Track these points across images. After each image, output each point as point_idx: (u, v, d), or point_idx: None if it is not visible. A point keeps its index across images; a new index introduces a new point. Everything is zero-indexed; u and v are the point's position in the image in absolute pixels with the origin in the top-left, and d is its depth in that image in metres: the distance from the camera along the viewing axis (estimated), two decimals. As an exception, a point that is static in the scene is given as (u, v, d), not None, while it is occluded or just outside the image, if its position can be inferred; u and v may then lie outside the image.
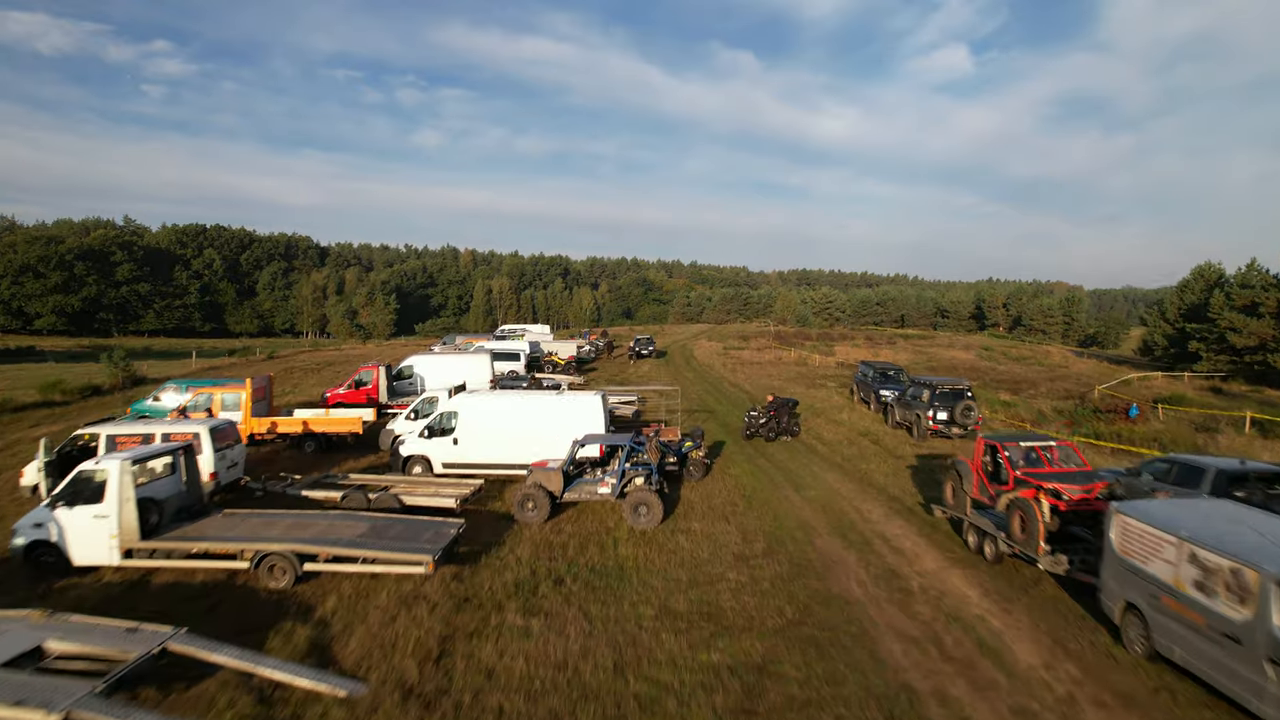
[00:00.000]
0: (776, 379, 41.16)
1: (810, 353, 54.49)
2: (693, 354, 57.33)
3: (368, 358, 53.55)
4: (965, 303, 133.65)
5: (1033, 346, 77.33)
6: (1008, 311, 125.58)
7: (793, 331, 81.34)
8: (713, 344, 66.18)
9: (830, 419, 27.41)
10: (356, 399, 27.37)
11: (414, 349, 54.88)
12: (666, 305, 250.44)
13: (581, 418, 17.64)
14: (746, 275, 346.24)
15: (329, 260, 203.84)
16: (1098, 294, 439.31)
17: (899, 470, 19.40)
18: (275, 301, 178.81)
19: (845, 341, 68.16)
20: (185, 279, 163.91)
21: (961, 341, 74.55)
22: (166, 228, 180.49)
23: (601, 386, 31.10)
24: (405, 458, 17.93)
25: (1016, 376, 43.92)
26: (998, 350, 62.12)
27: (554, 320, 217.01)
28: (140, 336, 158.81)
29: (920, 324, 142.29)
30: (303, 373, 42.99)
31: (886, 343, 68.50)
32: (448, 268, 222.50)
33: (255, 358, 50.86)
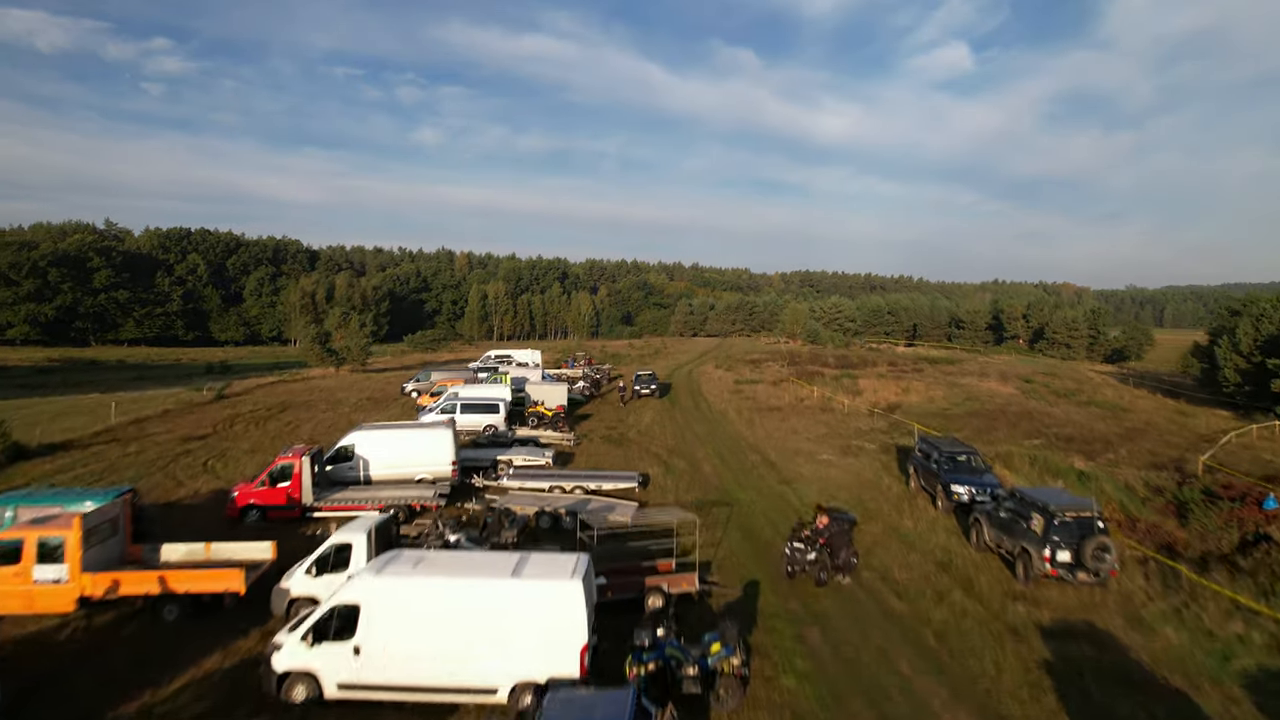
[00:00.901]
0: (802, 434, 34.82)
1: (834, 391, 48.13)
2: (700, 389, 50.96)
3: (333, 396, 47.26)
4: (981, 313, 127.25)
5: (1070, 367, 71.05)
6: (1027, 323, 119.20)
7: (806, 353, 74.94)
8: (721, 372, 59.87)
9: (891, 529, 21.06)
10: (273, 499, 21.06)
11: (382, 388, 48.38)
12: (667, 310, 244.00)
13: (546, 618, 11.37)
14: (749, 277, 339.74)
15: (319, 264, 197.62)
16: (1104, 295, 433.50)
17: (1029, 670, 13.07)
18: (262, 308, 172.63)
19: (868, 369, 61.77)
20: (167, 285, 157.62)
21: (995, 366, 68.15)
22: (149, 231, 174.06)
23: (587, 454, 24.86)
24: (279, 676, 11.58)
25: (1080, 427, 37.58)
26: (1039, 382, 55.73)
27: (551, 326, 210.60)
28: (119, 346, 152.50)
29: (934, 334, 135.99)
30: (248, 424, 36.64)
31: (912, 370, 62.14)
32: (442, 271, 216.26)
33: (199, 399, 44.43)
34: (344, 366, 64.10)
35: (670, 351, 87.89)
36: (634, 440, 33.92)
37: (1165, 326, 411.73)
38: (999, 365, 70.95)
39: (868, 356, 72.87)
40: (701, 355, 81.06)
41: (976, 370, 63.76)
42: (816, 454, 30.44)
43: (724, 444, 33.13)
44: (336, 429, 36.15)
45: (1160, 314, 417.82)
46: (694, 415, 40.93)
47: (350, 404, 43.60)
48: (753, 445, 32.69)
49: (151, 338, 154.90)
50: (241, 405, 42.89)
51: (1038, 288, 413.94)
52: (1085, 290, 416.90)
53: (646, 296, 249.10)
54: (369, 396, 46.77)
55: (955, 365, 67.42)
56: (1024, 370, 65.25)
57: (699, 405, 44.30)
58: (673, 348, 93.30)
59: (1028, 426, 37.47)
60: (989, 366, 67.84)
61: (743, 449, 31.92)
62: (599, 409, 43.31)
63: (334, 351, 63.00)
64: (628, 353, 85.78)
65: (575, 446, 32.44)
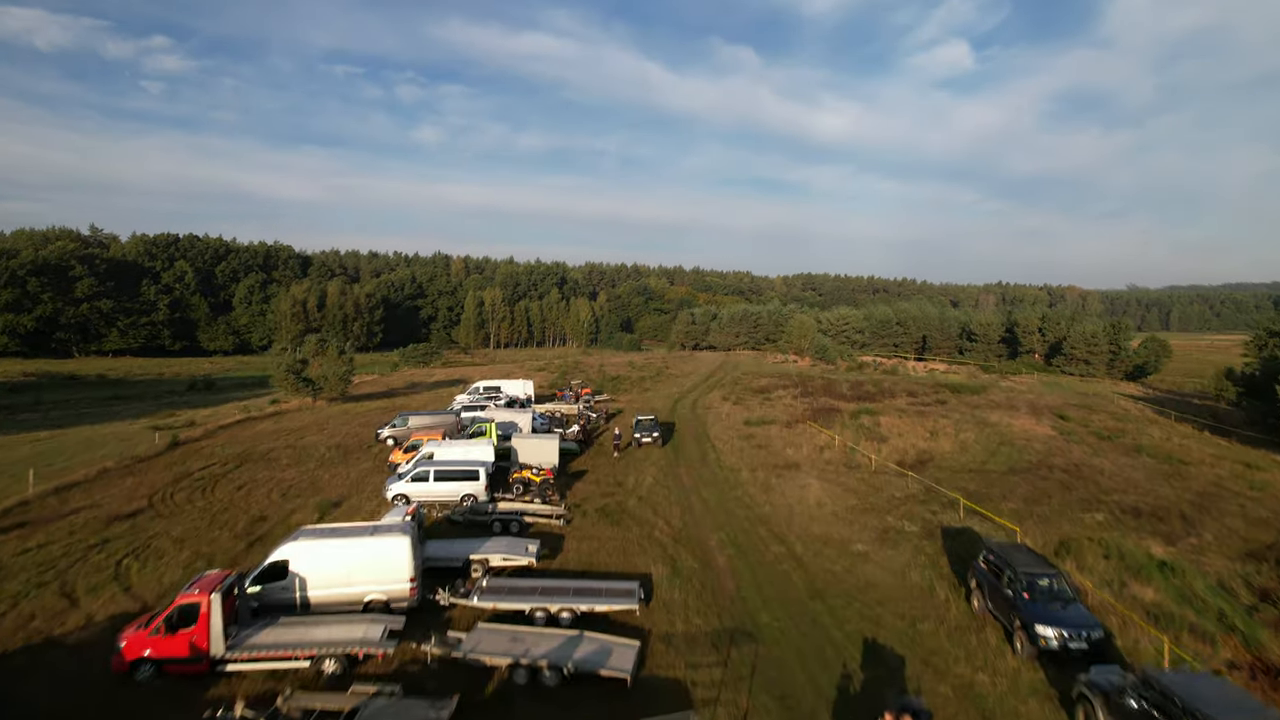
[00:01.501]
0: (828, 507, 30.22)
1: (855, 434, 43.52)
2: (707, 431, 46.24)
3: (301, 441, 42.64)
4: (994, 325, 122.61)
5: (1096, 391, 66.62)
6: (1043, 338, 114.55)
7: (818, 377, 70.28)
8: (729, 407, 55.17)
9: (963, 691, 16.44)
10: (173, 650, 16.44)
11: (357, 431, 43.26)
12: (668, 315, 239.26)
13: None
14: (750, 281, 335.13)
15: (312, 270, 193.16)
16: (1109, 297, 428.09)
17: None
18: (252, 317, 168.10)
19: (886, 401, 57.16)
20: (153, 294, 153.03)
21: (1021, 394, 63.45)
22: (136, 237, 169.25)
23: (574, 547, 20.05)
24: None
25: (1141, 491, 32.98)
26: (1075, 419, 51.10)
27: (550, 333, 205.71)
28: (103, 357, 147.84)
29: (944, 346, 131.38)
30: (193, 491, 32.04)
31: (935, 402, 57.48)
32: (438, 277, 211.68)
33: (147, 450, 39.72)
34: (321, 396, 59.45)
35: (672, 372, 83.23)
36: (634, 514, 29.31)
37: (1172, 330, 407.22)
38: (1025, 392, 66.29)
39: (884, 383, 68.19)
40: (706, 378, 76.39)
41: (1003, 401, 59.12)
42: (850, 543, 25.84)
43: (739, 523, 28.49)
44: (295, 494, 31.66)
45: (1166, 317, 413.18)
46: (701, 473, 36.29)
47: (317, 456, 38.98)
48: (773, 525, 28.07)
49: (137, 348, 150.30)
50: (194, 457, 38.25)
51: (1042, 290, 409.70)
52: (1091, 293, 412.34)
53: (646, 302, 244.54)
54: (340, 443, 42.16)
55: (979, 394, 62.77)
56: (1053, 400, 60.63)
57: (706, 457, 39.65)
58: (675, 366, 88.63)
59: (1083, 492, 32.85)
60: (1015, 395, 63.17)
61: (761, 533, 27.28)
62: (594, 461, 38.67)
63: (310, 381, 58.32)
64: (628, 374, 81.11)
65: (566, 526, 27.86)
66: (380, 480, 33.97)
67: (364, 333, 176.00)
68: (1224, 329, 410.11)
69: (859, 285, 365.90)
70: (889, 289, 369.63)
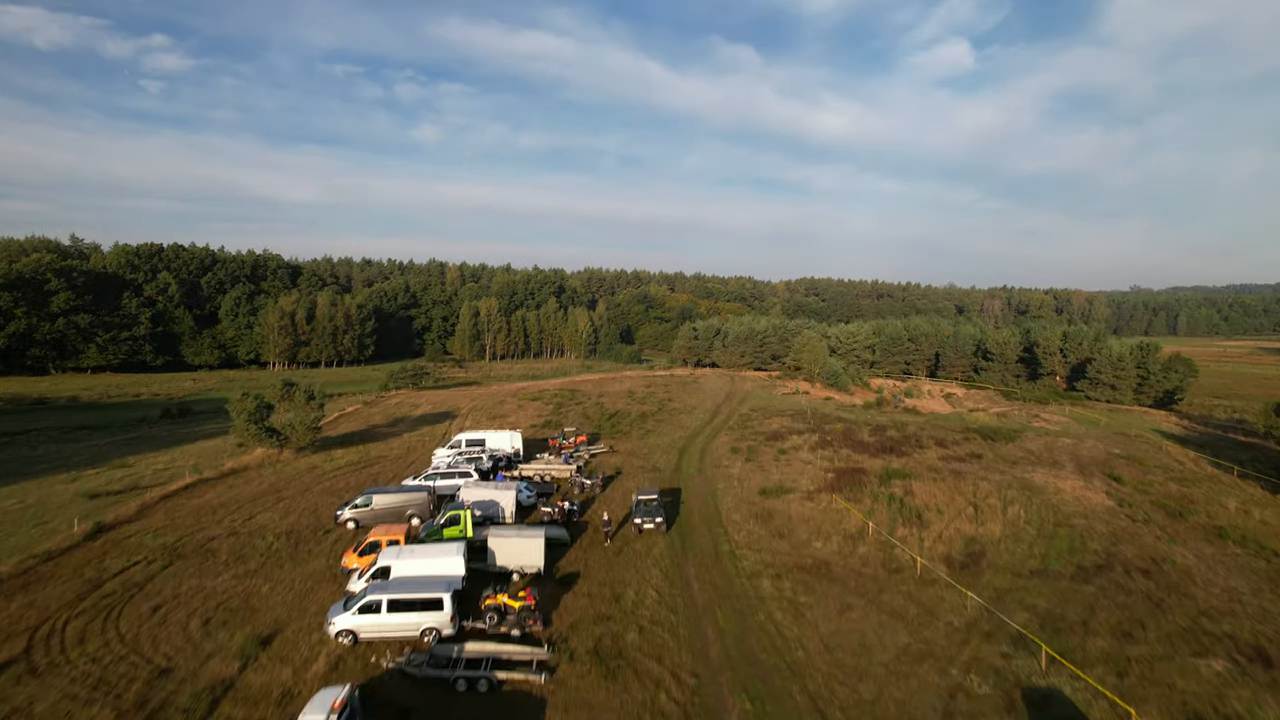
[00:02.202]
0: (877, 657, 24.39)
1: (892, 515, 37.61)
2: (718, 509, 40.23)
3: (252, 521, 36.83)
4: (1011, 344, 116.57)
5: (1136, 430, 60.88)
6: (1065, 359, 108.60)
7: (838, 425, 64.35)
8: (741, 465, 49.07)
9: None
10: None
11: (315, 505, 36.50)
12: (669, 324, 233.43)
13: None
14: (752, 287, 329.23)
15: (301, 280, 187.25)
16: (1115, 300, 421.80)
17: None
18: (239, 329, 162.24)
19: (915, 455, 51.24)
20: (135, 307, 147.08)
21: (1060, 443, 57.43)
22: (118, 248, 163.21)
23: None
24: None
25: (1254, 613, 27.12)
26: (1131, 482, 45.21)
27: (547, 344, 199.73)
28: (81, 374, 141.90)
29: (959, 365, 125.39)
30: (91, 618, 26.18)
31: (969, 456, 51.54)
32: (432, 286, 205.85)
33: (57, 549, 33.72)
34: (288, 447, 53.55)
35: (675, 406, 77.23)
36: (634, 659, 23.48)
37: (1179, 334, 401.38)
38: (1060, 436, 60.35)
39: (907, 425, 62.22)
40: (712, 416, 70.35)
41: (1042, 453, 53.23)
42: (908, 679, 19.98)
43: (768, 680, 22.64)
44: (221, 622, 25.85)
45: (1174, 321, 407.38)
46: (715, 579, 30.39)
47: (263, 548, 33.09)
48: (810, 684, 22.22)
49: (117, 364, 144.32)
50: (115, 552, 32.36)
51: (1048, 295, 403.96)
52: (1097, 297, 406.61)
53: (647, 310, 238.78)
54: (293, 527, 36.25)
55: (1012, 441, 56.85)
56: (1096, 451, 54.73)
57: (719, 550, 33.76)
58: (678, 397, 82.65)
59: (1181, 615, 26.98)
60: (1053, 443, 57.21)
61: (798, 700, 21.44)
62: (587, 556, 32.79)
63: (275, 431, 52.40)
64: (627, 408, 75.12)
65: (548, 682, 22.04)
66: (330, 594, 28.19)
67: (355, 345, 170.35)
68: (1233, 334, 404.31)
69: (862, 290, 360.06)
70: (893, 294, 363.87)
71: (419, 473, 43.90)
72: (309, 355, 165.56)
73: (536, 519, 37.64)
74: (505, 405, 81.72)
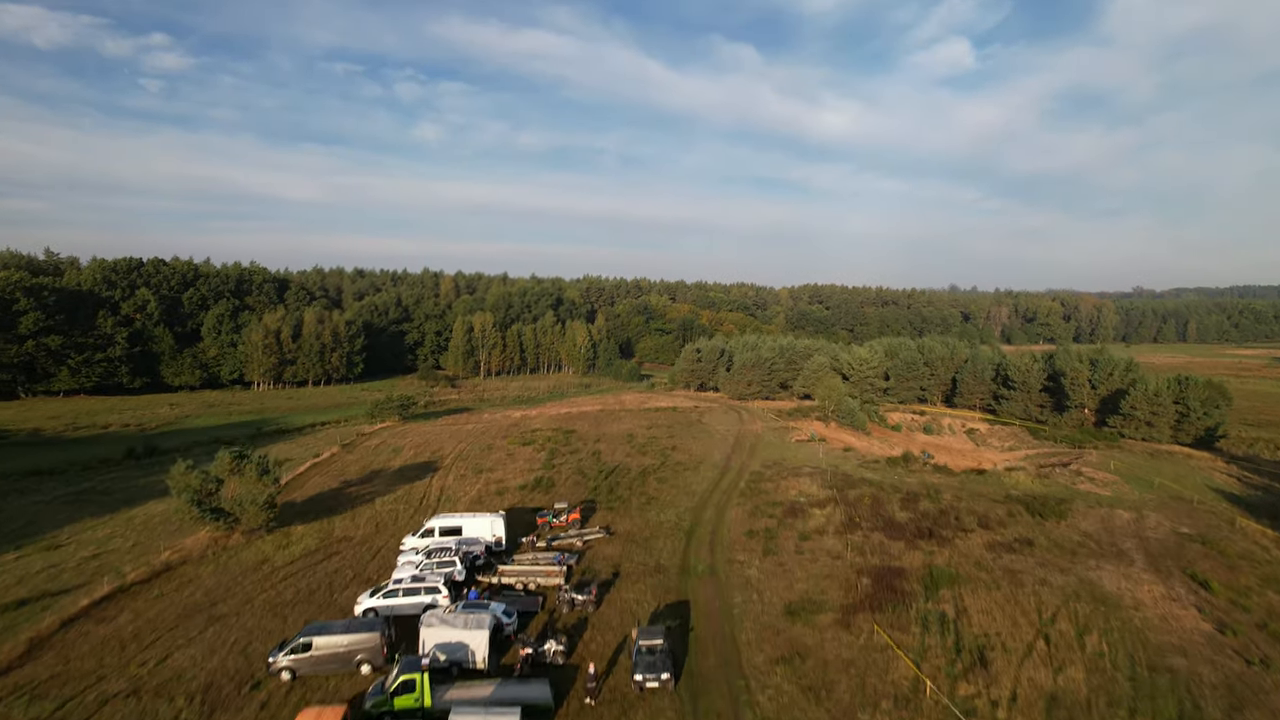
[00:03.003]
0: None
1: (948, 656, 30.88)
2: (737, 646, 33.30)
3: (169, 653, 30.08)
4: (1034, 372, 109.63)
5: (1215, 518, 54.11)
6: (1094, 390, 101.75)
7: (865, 495, 57.45)
8: (759, 564, 42.24)
9: None
10: None
11: (248, 638, 28.98)
12: (670, 335, 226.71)
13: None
14: (755, 294, 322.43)
15: (289, 295, 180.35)
16: (1124, 308, 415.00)
17: None
18: (222, 348, 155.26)
19: (958, 545, 44.42)
20: (110, 326, 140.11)
21: (1122, 519, 50.48)
22: (95, 263, 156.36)
23: None
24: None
25: None
26: (1222, 591, 38.45)
27: (544, 359, 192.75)
28: (54, 398, 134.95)
29: (977, 392, 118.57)
30: None
31: (1020, 544, 44.79)
32: (425, 299, 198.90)
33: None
34: (240, 528, 46.73)
35: (679, 458, 70.30)
36: None
37: (1189, 341, 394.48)
38: (1120, 511, 53.43)
39: (942, 494, 55.20)
40: (721, 475, 63.47)
41: (1106, 540, 46.40)
42: None
43: None
44: None
45: (1183, 328, 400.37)
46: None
47: None
48: None
49: (91, 387, 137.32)
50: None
51: (1055, 301, 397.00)
52: (1105, 304, 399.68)
53: (647, 322, 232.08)
54: (210, 680, 29.40)
55: (1063, 518, 50.01)
56: (1164, 534, 47.92)
57: (741, 716, 26.98)
58: (682, 446, 75.77)
59: None
60: (1114, 524, 50.29)
61: None
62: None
63: (222, 512, 45.61)
64: (627, 464, 68.14)
65: None
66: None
67: (343, 363, 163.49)
68: (1243, 340, 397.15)
69: (867, 297, 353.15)
70: (898, 301, 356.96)
71: (379, 586, 37.01)
72: (295, 374, 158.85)
73: (514, 659, 30.84)
74: (494, 453, 74.92)
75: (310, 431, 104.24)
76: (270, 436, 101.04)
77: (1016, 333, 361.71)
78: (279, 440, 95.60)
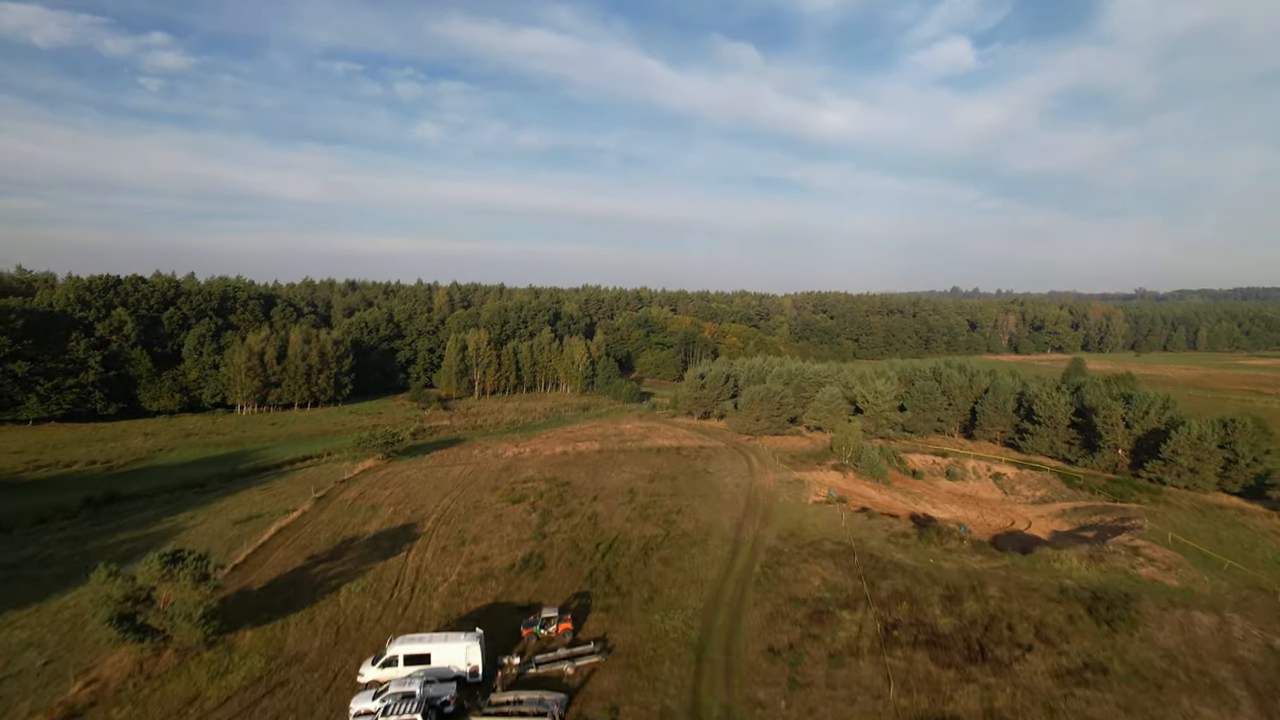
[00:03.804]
0: None
1: None
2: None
3: None
4: (1061, 405, 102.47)
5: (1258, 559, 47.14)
6: (1129, 430, 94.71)
7: (902, 598, 50.28)
8: (784, 702, 35.34)
9: None
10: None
11: None
12: (671, 349, 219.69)
13: None
14: (758, 304, 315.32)
15: (275, 311, 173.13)
16: (1133, 315, 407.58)
17: None
18: (203, 370, 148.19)
19: (1018, 675, 37.50)
20: (84, 349, 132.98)
21: (1205, 625, 43.44)
22: (70, 281, 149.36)
23: None
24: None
25: None
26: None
27: (541, 377, 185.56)
28: (21, 427, 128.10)
29: (999, 424, 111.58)
30: None
31: (1093, 671, 37.85)
32: (418, 315, 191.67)
33: None
34: (171, 647, 39.75)
35: (686, 527, 63.36)
36: None
37: (1200, 349, 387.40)
38: (1199, 614, 46.37)
39: (987, 594, 48.13)
40: (733, 555, 56.41)
41: (1194, 667, 39.36)
42: None
43: None
44: None
45: (1194, 336, 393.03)
46: None
47: None
48: None
49: (62, 414, 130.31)
50: None
51: (1064, 310, 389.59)
52: (1114, 312, 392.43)
53: (647, 335, 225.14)
54: None
55: (1134, 627, 42.96)
56: (1257, 652, 40.95)
57: None
58: (688, 508, 68.76)
59: None
60: (1196, 637, 43.28)
61: None
62: None
63: (149, 630, 38.66)
64: (626, 534, 61.12)
65: None
66: None
67: (330, 385, 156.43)
68: (1254, 348, 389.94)
69: (871, 305, 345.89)
70: (903, 309, 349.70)
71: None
72: (280, 397, 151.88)
73: None
74: (480, 514, 67.95)
75: (289, 471, 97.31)
76: (244, 478, 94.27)
77: (1024, 341, 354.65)
78: (253, 484, 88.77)
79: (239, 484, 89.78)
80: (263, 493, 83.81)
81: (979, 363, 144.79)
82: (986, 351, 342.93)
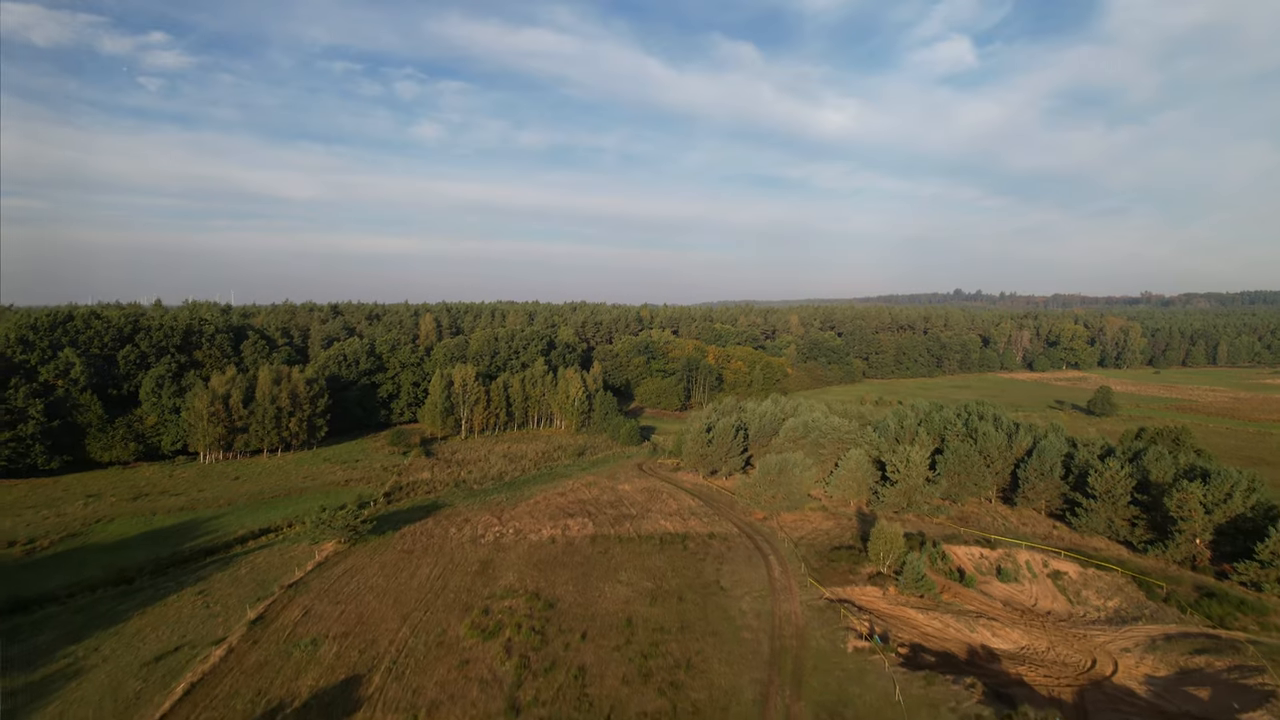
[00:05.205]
0: None
1: None
2: None
3: None
4: (1120, 480, 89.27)
5: None
6: (1209, 516, 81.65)
7: None
8: None
9: None
10: None
11: None
12: (673, 376, 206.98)
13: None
14: (764, 321, 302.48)
15: (246, 345, 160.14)
16: (1150, 330, 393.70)
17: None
18: (162, 415, 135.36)
19: None
20: (23, 398, 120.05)
21: None
22: (13, 315, 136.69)
23: None
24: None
25: None
26: None
27: (534, 413, 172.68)
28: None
29: (1045, 494, 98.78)
30: None
31: None
32: (402, 346, 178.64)
33: None
34: None
35: (699, 690, 50.78)
36: None
37: (1220, 363, 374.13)
38: None
39: None
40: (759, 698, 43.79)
41: None
42: None
43: None
44: None
45: (1214, 350, 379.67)
46: None
47: None
48: None
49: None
50: None
51: (1078, 323, 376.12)
52: (1131, 326, 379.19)
53: (648, 363, 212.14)
54: None
55: None
56: None
57: None
58: (699, 658, 56.04)
59: None
60: None
61: None
62: None
63: None
64: (624, 706, 48.50)
65: None
66: None
67: (303, 429, 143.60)
68: (1276, 362, 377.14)
69: (881, 321, 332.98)
70: (914, 325, 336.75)
71: None
72: (247, 443, 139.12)
73: None
74: (444, 658, 55.16)
75: (238, 556, 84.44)
76: (183, 566, 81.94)
77: (1040, 358, 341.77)
78: (189, 580, 76.11)
79: (173, 580, 77.05)
80: (196, 598, 71.08)
81: (994, 382, 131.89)
82: (1001, 369, 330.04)
